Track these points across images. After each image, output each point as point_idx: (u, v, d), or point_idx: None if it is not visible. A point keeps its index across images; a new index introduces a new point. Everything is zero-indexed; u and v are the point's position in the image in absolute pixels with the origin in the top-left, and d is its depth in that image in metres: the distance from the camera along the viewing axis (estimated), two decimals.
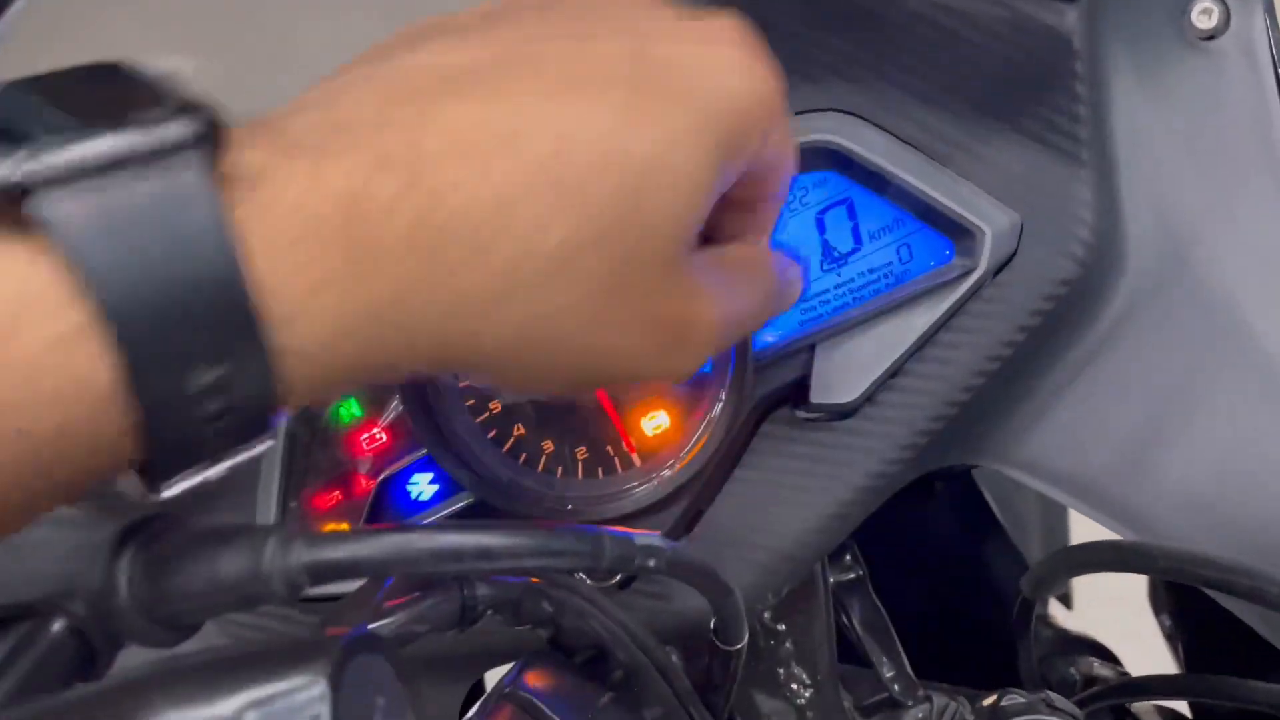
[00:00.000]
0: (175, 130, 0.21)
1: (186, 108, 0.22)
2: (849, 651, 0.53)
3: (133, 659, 0.23)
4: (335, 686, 0.19)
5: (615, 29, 0.29)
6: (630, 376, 0.31)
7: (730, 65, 0.30)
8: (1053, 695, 0.40)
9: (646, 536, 0.30)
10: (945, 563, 0.83)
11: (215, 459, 0.24)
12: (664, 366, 0.30)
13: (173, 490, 0.24)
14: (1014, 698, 0.40)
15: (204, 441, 0.23)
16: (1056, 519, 0.95)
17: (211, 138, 0.22)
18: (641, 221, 0.27)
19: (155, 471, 0.23)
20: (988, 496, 0.83)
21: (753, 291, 0.34)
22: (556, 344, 0.28)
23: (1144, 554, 0.40)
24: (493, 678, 0.41)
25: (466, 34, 0.29)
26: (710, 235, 0.34)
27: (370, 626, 0.30)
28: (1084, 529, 0.47)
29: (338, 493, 0.45)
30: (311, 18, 0.46)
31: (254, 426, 0.24)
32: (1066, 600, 0.97)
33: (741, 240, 0.35)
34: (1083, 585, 0.96)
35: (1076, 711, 0.39)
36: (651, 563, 0.30)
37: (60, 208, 0.20)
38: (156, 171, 0.21)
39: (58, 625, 0.25)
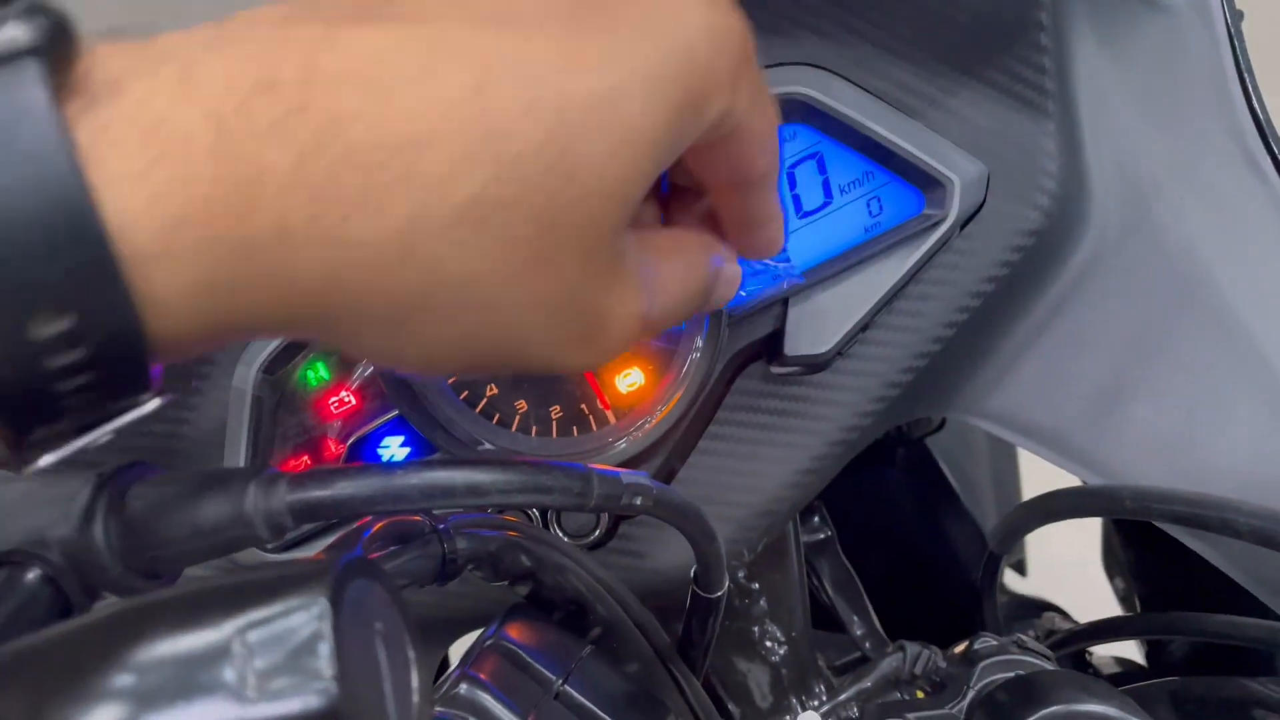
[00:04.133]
0: (10, 34, 0.18)
1: (30, 9, 0.19)
2: (819, 618, 0.54)
3: None
4: (336, 606, 0.19)
5: None
6: (534, 365, 0.26)
7: (689, 7, 0.26)
8: (1024, 638, 0.41)
9: (633, 475, 0.30)
10: (903, 530, 0.84)
11: (85, 422, 0.22)
12: (573, 359, 0.27)
13: (46, 460, 0.22)
14: (987, 640, 0.41)
15: (64, 401, 0.20)
16: (1009, 484, 0.96)
17: (57, 44, 0.19)
18: (575, 179, 0.23)
19: (13, 437, 0.21)
20: (942, 465, 0.84)
21: (683, 286, 0.30)
22: (457, 318, 0.24)
23: (1110, 496, 0.40)
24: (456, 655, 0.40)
25: None
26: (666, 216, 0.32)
27: None
28: (1036, 491, 0.48)
29: (306, 457, 0.44)
30: None
31: (124, 384, 0.21)
32: (1021, 567, 0.98)
33: (684, 225, 0.31)
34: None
35: (1048, 652, 0.40)
36: (638, 500, 0.30)
37: None
38: None
39: (31, 574, 0.24)
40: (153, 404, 0.22)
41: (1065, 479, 0.46)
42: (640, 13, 0.25)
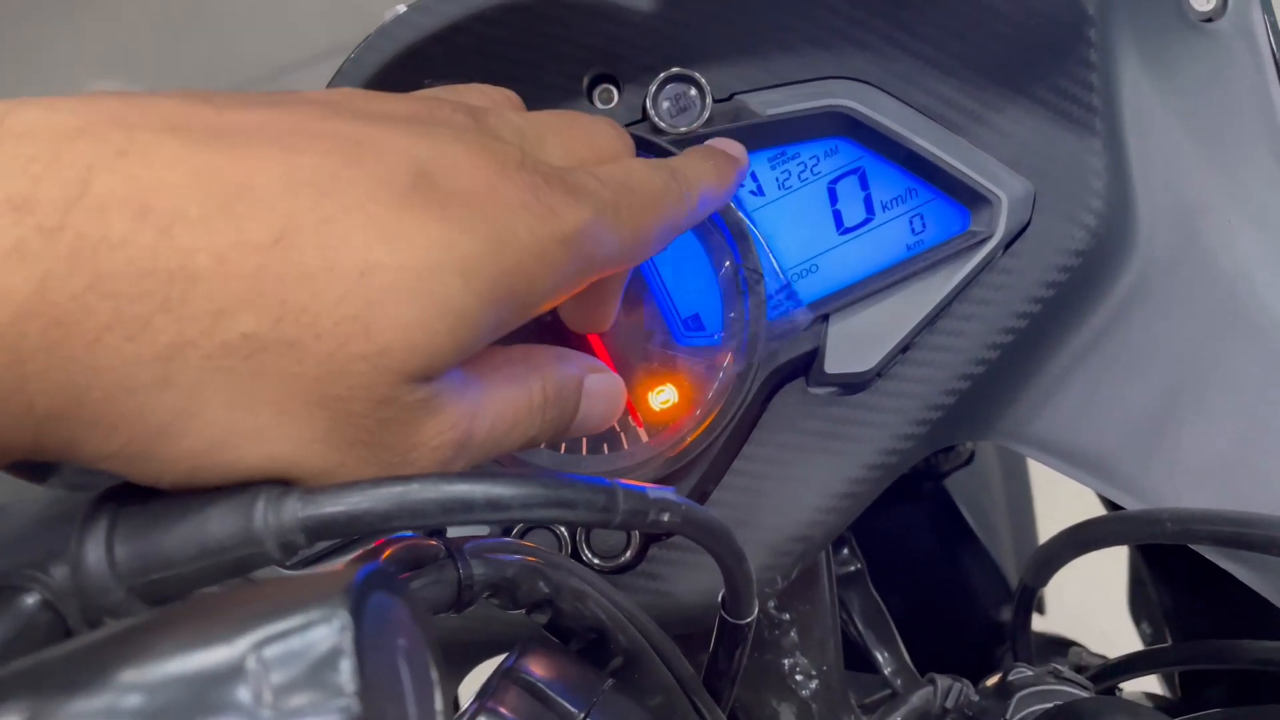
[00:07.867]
0: None
1: None
2: (845, 656, 0.52)
3: None
4: (357, 619, 0.18)
5: (412, 135, 0.26)
6: None
7: (520, 216, 0.26)
8: (1060, 667, 0.39)
9: (660, 490, 0.28)
10: (922, 568, 0.83)
11: None
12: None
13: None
14: (1022, 671, 0.39)
15: None
16: (1025, 524, 0.95)
17: None
18: (372, 335, 0.23)
19: None
20: (959, 504, 0.83)
21: (512, 409, 0.30)
22: (225, 444, 0.23)
23: (1151, 520, 0.39)
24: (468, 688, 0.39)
25: (247, 102, 0.25)
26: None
27: None
28: (1051, 531, 0.47)
29: None
30: (254, 33, 0.45)
31: None
32: (1040, 605, 0.97)
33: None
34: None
35: (1086, 682, 0.38)
36: (665, 517, 0.28)
37: None
38: None
39: (29, 599, 0.22)
40: None
41: (1083, 518, 0.44)
42: (471, 209, 0.25)
